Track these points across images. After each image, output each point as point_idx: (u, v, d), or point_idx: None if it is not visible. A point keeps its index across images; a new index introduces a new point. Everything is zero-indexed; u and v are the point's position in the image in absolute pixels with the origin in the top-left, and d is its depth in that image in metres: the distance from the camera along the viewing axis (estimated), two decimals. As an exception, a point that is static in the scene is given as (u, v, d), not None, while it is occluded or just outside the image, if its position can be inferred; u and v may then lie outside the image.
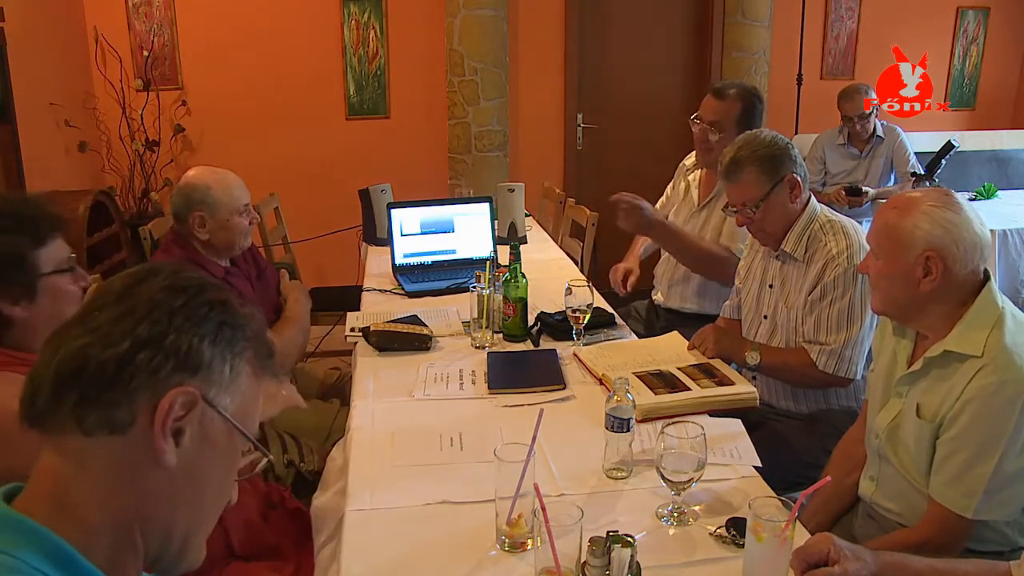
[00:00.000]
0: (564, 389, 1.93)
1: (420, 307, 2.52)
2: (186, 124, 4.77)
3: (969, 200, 4.42)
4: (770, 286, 2.17)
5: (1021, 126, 5.67)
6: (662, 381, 1.89)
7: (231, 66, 4.75)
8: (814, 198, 2.12)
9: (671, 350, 2.11)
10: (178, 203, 2.28)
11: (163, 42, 4.68)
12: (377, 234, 3.45)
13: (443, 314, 2.46)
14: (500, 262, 2.58)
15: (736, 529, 1.33)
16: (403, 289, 2.77)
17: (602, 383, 1.95)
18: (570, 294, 2.14)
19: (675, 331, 2.28)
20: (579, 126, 5.19)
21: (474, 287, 2.21)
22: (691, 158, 2.94)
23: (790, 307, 2.10)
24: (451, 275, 2.83)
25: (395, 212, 3.00)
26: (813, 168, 4.34)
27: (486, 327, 2.21)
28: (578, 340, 2.18)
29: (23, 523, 0.72)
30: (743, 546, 1.26)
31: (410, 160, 4.97)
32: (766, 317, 2.17)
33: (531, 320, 2.30)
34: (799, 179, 2.05)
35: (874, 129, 4.26)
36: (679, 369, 1.96)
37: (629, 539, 1.17)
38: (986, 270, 1.49)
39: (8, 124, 3.65)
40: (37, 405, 0.74)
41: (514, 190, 3.47)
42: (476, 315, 2.21)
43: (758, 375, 2.14)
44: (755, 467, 1.57)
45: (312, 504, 1.66)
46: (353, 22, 4.83)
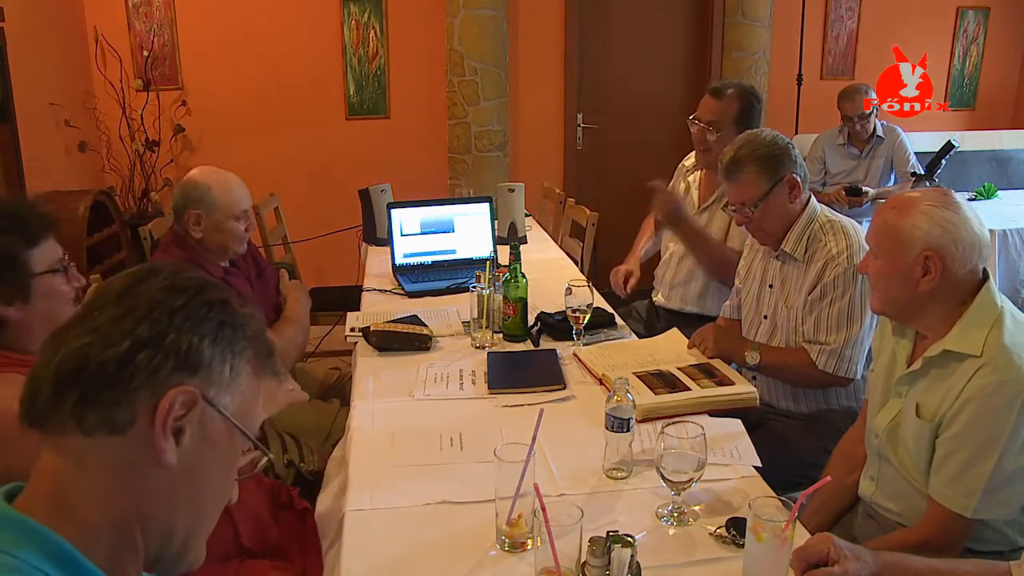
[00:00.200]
0: (564, 389, 1.93)
1: (420, 307, 2.52)
2: (186, 124, 4.77)
3: (969, 200, 4.42)
4: (770, 286, 2.17)
5: (1021, 126, 5.67)
6: (662, 381, 1.89)
7: (231, 66, 4.75)
8: (814, 198, 2.12)
9: (671, 350, 2.11)
10: (178, 199, 2.29)
11: (163, 42, 4.68)
12: (377, 234, 3.45)
13: (443, 314, 2.47)
14: (500, 262, 2.58)
15: (736, 529, 1.33)
16: (403, 289, 2.77)
17: (602, 383, 1.95)
18: (570, 294, 2.14)
19: (675, 328, 2.28)
20: (579, 126, 5.19)
21: (474, 287, 2.21)
22: (690, 159, 2.93)
23: (790, 307, 2.10)
24: (451, 275, 2.83)
25: (395, 212, 3.00)
26: (813, 168, 4.34)
27: (486, 327, 2.22)
28: (578, 340, 2.18)
29: (24, 523, 0.73)
30: (743, 546, 1.26)
31: (410, 160, 4.97)
32: (766, 317, 2.17)
33: (531, 320, 2.30)
34: (799, 179, 2.05)
35: (874, 129, 4.26)
36: (679, 369, 1.96)
37: (629, 539, 1.17)
38: (985, 270, 1.49)
39: (8, 124, 3.65)
40: (37, 405, 0.74)
41: (514, 190, 3.47)
42: (476, 315, 2.22)
43: (758, 375, 2.14)
44: (755, 467, 1.57)
45: (316, 506, 1.66)
46: (353, 22, 4.83)
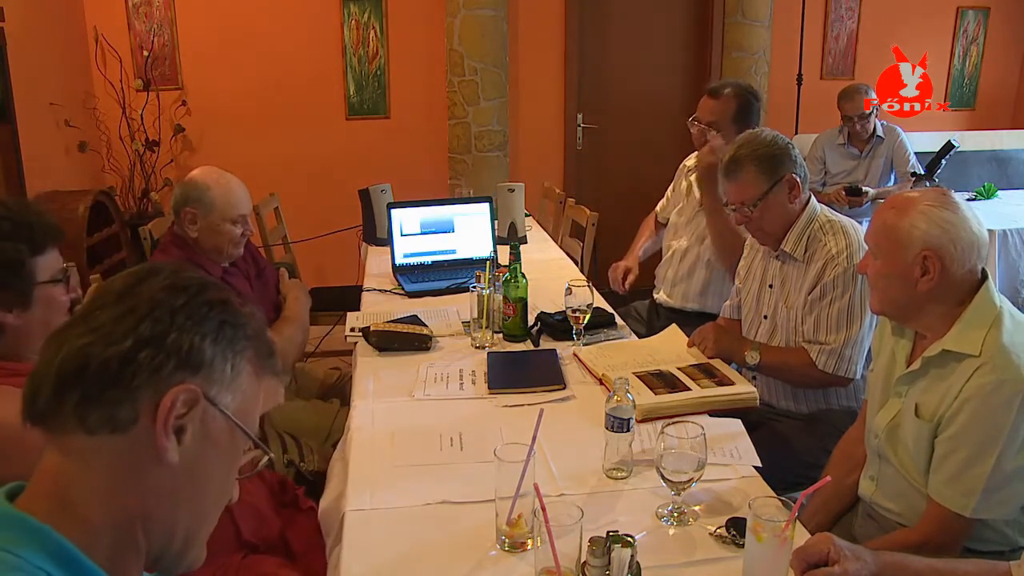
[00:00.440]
0: (564, 389, 1.93)
1: (420, 307, 2.52)
2: (186, 124, 4.77)
3: (969, 200, 4.42)
4: (770, 286, 2.17)
5: (1021, 126, 5.67)
6: (662, 381, 1.89)
7: (231, 66, 4.75)
8: (814, 198, 2.12)
9: (671, 350, 2.11)
10: (177, 196, 2.30)
11: (163, 42, 4.68)
12: (377, 234, 3.45)
13: (443, 314, 2.47)
14: (500, 262, 2.58)
15: (736, 529, 1.33)
16: (403, 289, 2.77)
17: (602, 383, 1.95)
18: (570, 294, 2.14)
19: (674, 324, 2.29)
20: (579, 126, 5.19)
21: (474, 287, 2.21)
22: (692, 158, 2.94)
23: (790, 307, 2.10)
24: (451, 275, 2.83)
25: (395, 212, 3.00)
26: (813, 168, 4.34)
27: (486, 327, 2.22)
28: (578, 340, 2.18)
29: (25, 522, 0.73)
30: (743, 546, 1.26)
31: (410, 160, 4.97)
32: (766, 317, 2.17)
33: (531, 320, 2.30)
34: (798, 179, 2.05)
35: (874, 129, 4.26)
36: (679, 369, 1.96)
37: (629, 539, 1.17)
38: (984, 269, 1.49)
39: (8, 124, 3.65)
40: (39, 404, 0.75)
41: (514, 190, 3.47)
42: (476, 315, 2.22)
43: (758, 375, 2.15)
44: (755, 467, 1.57)
45: (319, 506, 1.66)
46: (353, 22, 4.83)
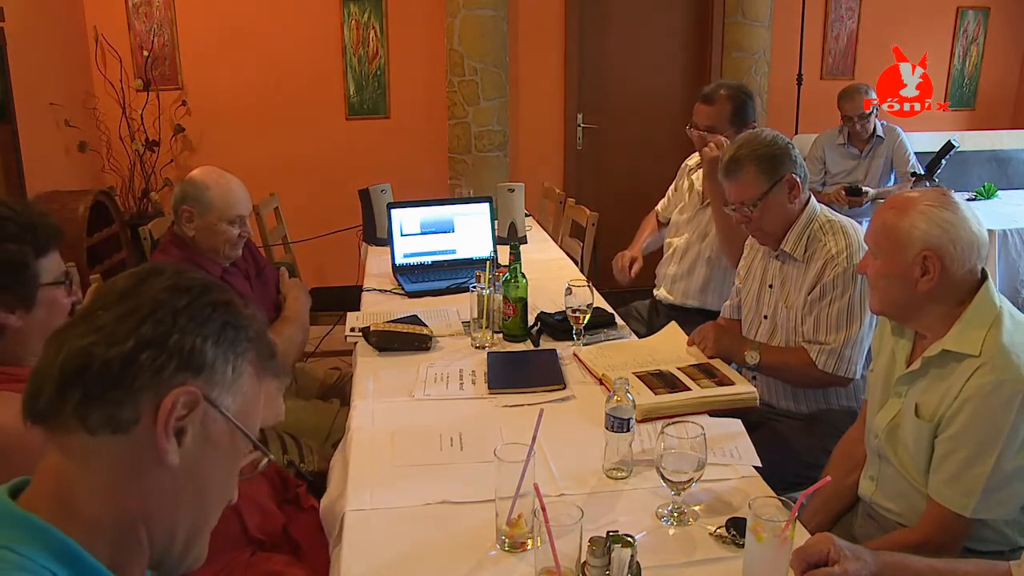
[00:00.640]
0: (564, 389, 1.93)
1: (420, 307, 2.52)
2: (186, 124, 4.77)
3: (969, 200, 4.42)
4: (770, 286, 2.17)
5: (1021, 126, 5.67)
6: (662, 381, 1.89)
7: (231, 66, 4.75)
8: (814, 198, 2.12)
9: (671, 350, 2.11)
10: (176, 194, 2.30)
11: (163, 42, 4.68)
12: (377, 234, 3.45)
13: (443, 314, 2.47)
14: (500, 262, 2.58)
15: (736, 529, 1.33)
16: (403, 289, 2.77)
17: (602, 383, 1.95)
18: (570, 294, 2.14)
19: (673, 321, 2.29)
20: (579, 126, 5.19)
21: (474, 287, 2.21)
22: (693, 158, 2.95)
23: (790, 307, 2.10)
24: (451, 275, 2.83)
25: (395, 212, 3.00)
26: (813, 168, 4.34)
27: (486, 327, 2.22)
28: (578, 340, 2.18)
29: (28, 520, 0.73)
30: (743, 546, 1.26)
31: (410, 160, 4.97)
32: (766, 317, 2.17)
33: (531, 320, 2.30)
34: (798, 179, 2.05)
35: (874, 129, 4.26)
36: (679, 369, 1.96)
37: (629, 539, 1.17)
38: (984, 269, 1.49)
39: (8, 124, 3.65)
40: (40, 403, 0.75)
41: (514, 190, 3.47)
42: (476, 315, 2.22)
43: (758, 375, 2.15)
44: (755, 467, 1.57)
45: (321, 506, 1.66)
46: (353, 22, 4.83)
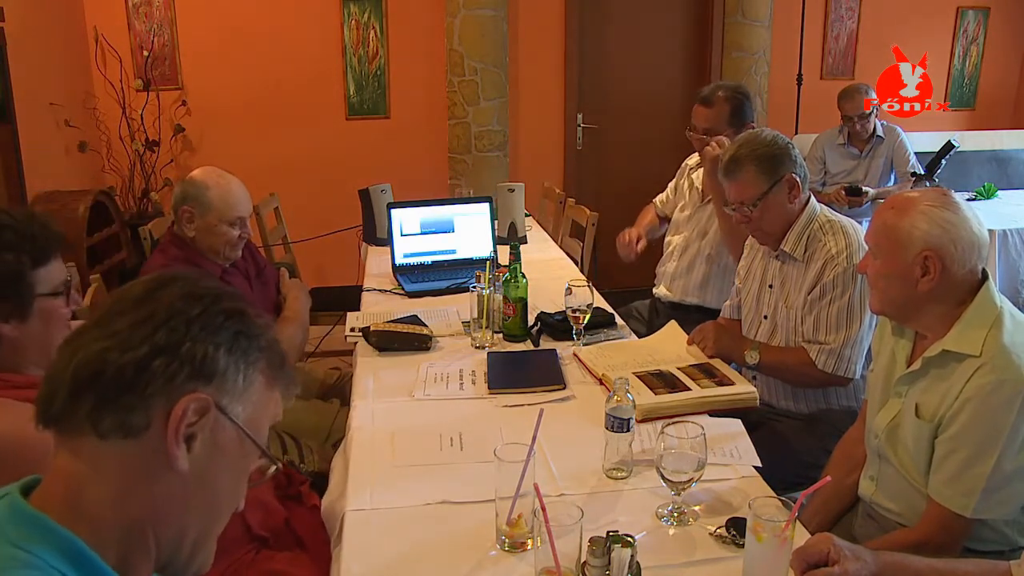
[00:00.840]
0: (564, 389, 1.93)
1: (420, 307, 2.52)
2: (186, 124, 4.77)
3: (969, 200, 4.42)
4: (770, 286, 2.17)
5: (1021, 126, 5.67)
6: (662, 381, 1.89)
7: (231, 66, 4.75)
8: (814, 198, 2.12)
9: (671, 350, 2.11)
10: (176, 194, 2.30)
11: (163, 42, 4.68)
12: (377, 234, 3.45)
13: (443, 314, 2.47)
14: (500, 262, 2.58)
15: (736, 529, 1.33)
16: (403, 289, 2.77)
17: (602, 383, 1.95)
18: (570, 294, 2.14)
19: (673, 320, 2.29)
20: (579, 126, 5.19)
21: (474, 287, 2.21)
22: (693, 158, 2.96)
23: (790, 307, 2.10)
24: (451, 275, 2.83)
25: (395, 212, 3.00)
26: (813, 168, 4.34)
27: (486, 327, 2.22)
28: (578, 340, 2.18)
29: (39, 520, 0.74)
30: (743, 546, 1.26)
31: (410, 160, 4.97)
32: (766, 317, 2.17)
33: (531, 320, 2.30)
34: (798, 179, 2.05)
35: (874, 129, 4.26)
36: (679, 369, 1.96)
37: (629, 539, 1.17)
38: (984, 270, 1.49)
39: (8, 124, 3.65)
40: (54, 407, 0.75)
41: (514, 190, 3.48)
42: (476, 315, 2.22)
43: (758, 375, 2.15)
44: (755, 467, 1.57)
45: (322, 505, 1.66)
46: (353, 22, 4.83)
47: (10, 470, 0.87)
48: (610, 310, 2.44)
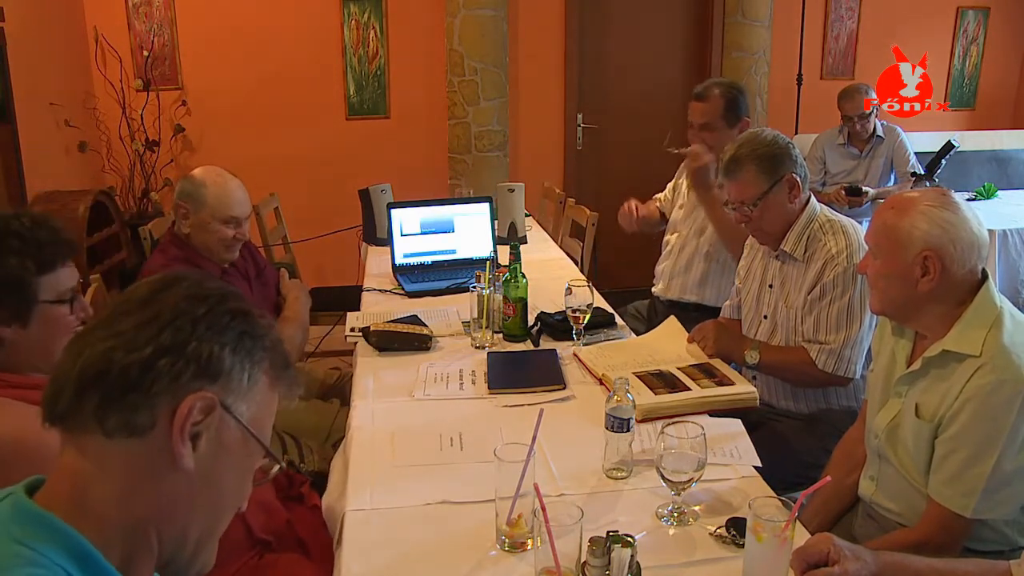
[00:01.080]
0: (564, 389, 1.93)
1: (420, 307, 2.52)
2: (186, 124, 4.77)
3: (969, 200, 4.42)
4: (770, 286, 2.17)
5: (1021, 126, 5.67)
6: (662, 381, 1.89)
7: (231, 66, 4.75)
8: (814, 198, 2.13)
9: (671, 349, 2.11)
10: (176, 191, 2.32)
11: (163, 42, 4.68)
12: (377, 234, 3.45)
13: (443, 314, 2.47)
14: (500, 262, 2.58)
15: (736, 529, 1.33)
16: (403, 289, 2.77)
17: (602, 383, 1.95)
18: (570, 294, 2.14)
19: (672, 316, 2.29)
20: (579, 126, 5.19)
21: (474, 287, 2.21)
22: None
23: (790, 307, 2.10)
24: (451, 275, 2.83)
25: (395, 212, 3.00)
26: (813, 168, 4.34)
27: (486, 327, 2.22)
28: (578, 340, 2.18)
29: (45, 518, 0.74)
30: (743, 546, 1.26)
31: (410, 160, 4.97)
32: (766, 317, 2.17)
33: (531, 320, 2.30)
34: (798, 179, 2.05)
35: (874, 129, 4.26)
36: (679, 369, 1.96)
37: (629, 539, 1.17)
38: (984, 270, 1.49)
39: (8, 124, 3.65)
40: (59, 406, 0.76)
41: (514, 190, 3.48)
42: (476, 315, 2.22)
43: (758, 375, 2.15)
44: (755, 467, 1.57)
45: (323, 505, 1.66)
46: (353, 22, 4.83)
47: (9, 470, 0.87)
48: (610, 310, 2.44)
